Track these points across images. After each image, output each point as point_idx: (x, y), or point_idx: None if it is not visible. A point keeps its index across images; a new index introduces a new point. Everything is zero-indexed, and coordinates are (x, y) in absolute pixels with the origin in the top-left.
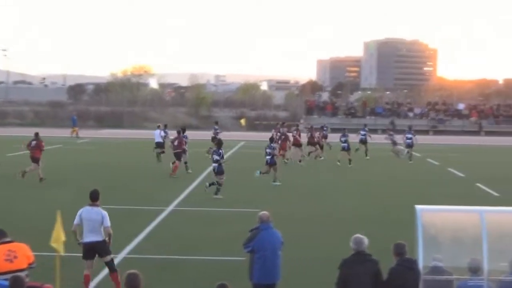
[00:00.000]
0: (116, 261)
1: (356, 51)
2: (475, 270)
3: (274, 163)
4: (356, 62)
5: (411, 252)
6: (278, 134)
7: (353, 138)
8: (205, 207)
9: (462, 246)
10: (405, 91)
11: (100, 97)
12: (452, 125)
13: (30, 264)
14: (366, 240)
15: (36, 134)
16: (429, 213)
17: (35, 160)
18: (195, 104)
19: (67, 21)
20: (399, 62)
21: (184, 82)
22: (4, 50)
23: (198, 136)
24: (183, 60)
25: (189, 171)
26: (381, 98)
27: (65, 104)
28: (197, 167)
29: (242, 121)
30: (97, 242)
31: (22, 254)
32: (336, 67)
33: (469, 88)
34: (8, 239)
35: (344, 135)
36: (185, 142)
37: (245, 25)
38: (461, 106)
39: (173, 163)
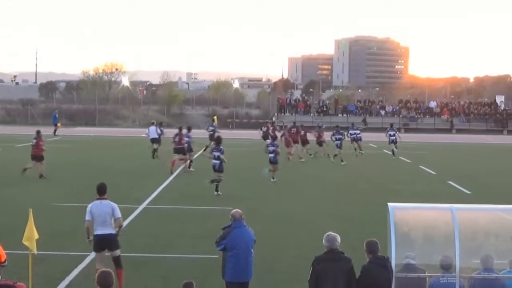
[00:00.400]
0: (89, 258)
1: (327, 49)
2: (447, 267)
3: (276, 161)
4: (328, 60)
5: (384, 250)
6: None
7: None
8: (178, 204)
9: (434, 243)
10: (377, 89)
11: (71, 95)
12: (423, 123)
13: (2, 262)
14: (338, 238)
15: (37, 132)
16: (401, 211)
17: (37, 158)
18: (167, 102)
19: (37, 18)
20: (370, 60)
21: (155, 80)
22: None
23: (171, 134)
24: (155, 58)
25: (192, 169)
26: (353, 96)
27: (36, 102)
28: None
29: (214, 119)
30: (109, 235)
31: None
32: (308, 65)
33: (440, 86)
34: None
35: (338, 133)
36: (188, 141)
37: (216, 22)
38: (433, 104)
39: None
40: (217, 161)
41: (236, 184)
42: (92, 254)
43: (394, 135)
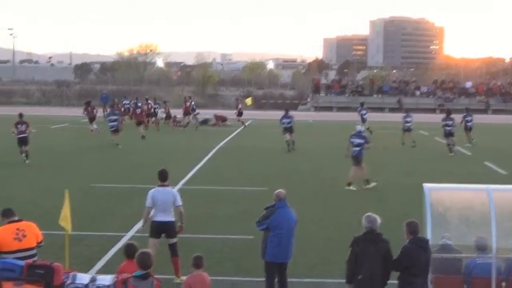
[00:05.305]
0: (125, 238)
1: (362, 29)
2: (482, 248)
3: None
4: (363, 41)
5: (420, 231)
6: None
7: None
8: (212, 185)
9: (470, 224)
10: (412, 69)
11: (106, 76)
12: (459, 103)
13: (38, 242)
14: (379, 219)
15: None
16: (437, 192)
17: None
18: (202, 83)
19: (72, 0)
20: (405, 41)
21: (190, 61)
22: (10, 29)
23: (205, 114)
24: (189, 39)
25: None
26: (388, 76)
27: (71, 83)
28: (206, 145)
29: (249, 100)
30: (169, 222)
31: (31, 232)
32: (342, 45)
33: (475, 66)
34: (16, 218)
35: (408, 115)
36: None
37: (251, 3)
38: (468, 84)
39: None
40: (451, 127)
41: (267, 165)
42: (129, 234)
43: (366, 114)
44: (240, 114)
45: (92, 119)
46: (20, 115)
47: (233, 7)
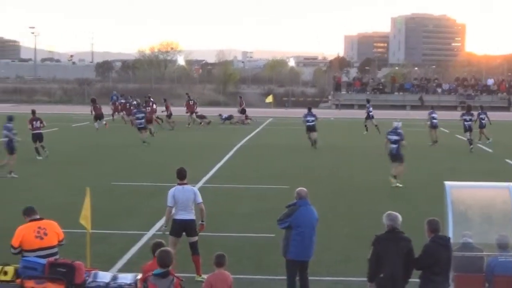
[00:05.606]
0: (146, 237)
1: (383, 26)
2: (504, 246)
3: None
4: (384, 38)
5: (441, 229)
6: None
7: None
8: (233, 183)
9: (491, 222)
10: (433, 66)
11: (128, 74)
12: (480, 100)
13: (60, 241)
14: (400, 217)
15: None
16: (458, 190)
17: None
18: (223, 81)
19: None
20: (427, 38)
21: (211, 59)
22: (32, 27)
23: (228, 112)
24: (210, 37)
25: None
26: (409, 74)
27: (92, 81)
28: (227, 143)
29: (269, 98)
30: (190, 221)
31: (52, 231)
32: (363, 42)
33: (497, 63)
34: (37, 217)
35: (433, 112)
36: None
37: (273, 1)
38: (490, 81)
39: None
40: (470, 122)
41: (289, 163)
42: (150, 233)
43: (372, 110)
44: (243, 111)
45: (98, 115)
46: (33, 112)
47: (254, 5)
